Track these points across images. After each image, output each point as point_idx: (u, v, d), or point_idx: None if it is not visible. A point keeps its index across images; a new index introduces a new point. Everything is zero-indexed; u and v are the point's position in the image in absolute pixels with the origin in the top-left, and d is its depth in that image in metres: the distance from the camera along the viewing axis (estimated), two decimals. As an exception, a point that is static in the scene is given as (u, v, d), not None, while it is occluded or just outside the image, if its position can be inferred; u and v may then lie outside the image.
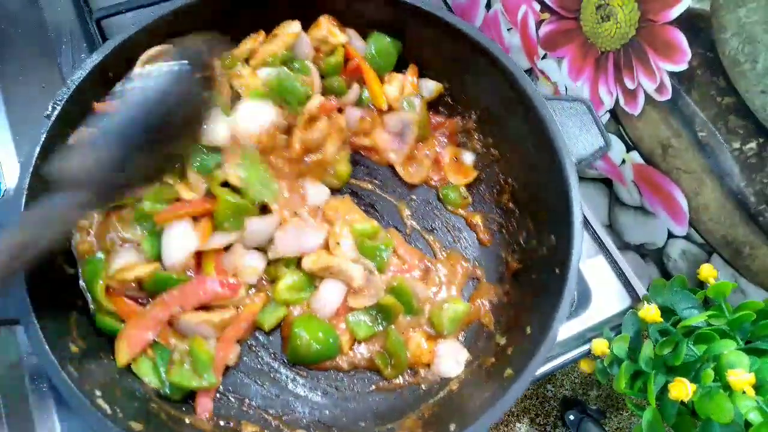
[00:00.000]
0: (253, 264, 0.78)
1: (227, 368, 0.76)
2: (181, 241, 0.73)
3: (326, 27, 0.86)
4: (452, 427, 0.66)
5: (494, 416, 0.62)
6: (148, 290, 0.73)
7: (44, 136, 0.69)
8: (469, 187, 0.92)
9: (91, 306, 0.72)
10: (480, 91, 0.87)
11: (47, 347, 0.62)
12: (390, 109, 0.90)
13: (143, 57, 0.75)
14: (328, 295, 0.79)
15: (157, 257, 0.74)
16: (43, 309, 0.64)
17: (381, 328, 0.79)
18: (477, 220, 0.90)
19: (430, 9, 0.82)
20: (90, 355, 0.68)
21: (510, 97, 0.79)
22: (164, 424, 0.69)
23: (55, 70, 0.96)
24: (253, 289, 0.79)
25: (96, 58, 0.73)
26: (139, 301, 0.74)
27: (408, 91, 0.90)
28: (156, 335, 0.71)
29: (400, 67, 0.92)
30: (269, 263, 0.80)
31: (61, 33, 0.99)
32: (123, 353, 0.70)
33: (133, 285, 0.72)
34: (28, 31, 1.00)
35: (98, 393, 0.63)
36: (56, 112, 0.70)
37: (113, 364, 0.71)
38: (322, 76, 0.88)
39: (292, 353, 0.77)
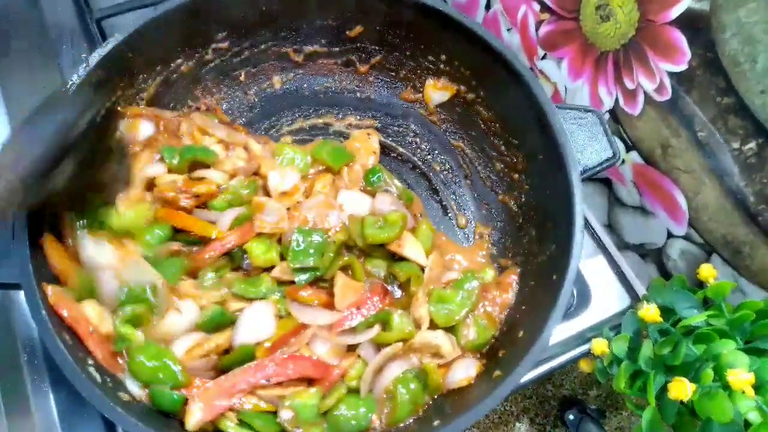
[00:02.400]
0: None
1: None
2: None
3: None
4: (436, 422, 0.67)
5: (477, 416, 0.63)
6: (226, 364, 0.70)
7: None
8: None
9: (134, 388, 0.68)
10: (492, 96, 0.86)
11: (44, 313, 0.62)
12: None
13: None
14: (389, 374, 0.74)
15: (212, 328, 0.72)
16: (44, 276, 0.65)
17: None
18: (481, 229, 0.91)
19: (448, 11, 0.80)
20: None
21: (522, 104, 0.79)
22: None
23: (55, 70, 0.96)
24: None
25: (119, 37, 0.74)
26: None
27: None
28: (239, 401, 0.68)
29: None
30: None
31: (61, 33, 0.99)
32: (195, 418, 0.65)
33: (205, 360, 0.70)
34: (28, 31, 1.00)
35: (90, 362, 0.64)
36: (73, 89, 0.70)
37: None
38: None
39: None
